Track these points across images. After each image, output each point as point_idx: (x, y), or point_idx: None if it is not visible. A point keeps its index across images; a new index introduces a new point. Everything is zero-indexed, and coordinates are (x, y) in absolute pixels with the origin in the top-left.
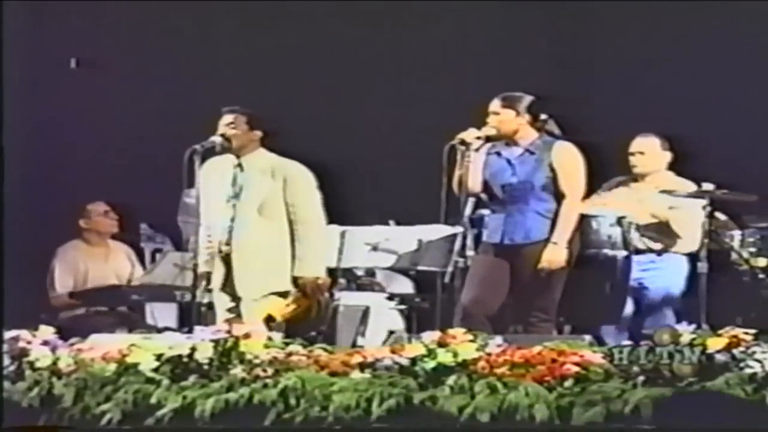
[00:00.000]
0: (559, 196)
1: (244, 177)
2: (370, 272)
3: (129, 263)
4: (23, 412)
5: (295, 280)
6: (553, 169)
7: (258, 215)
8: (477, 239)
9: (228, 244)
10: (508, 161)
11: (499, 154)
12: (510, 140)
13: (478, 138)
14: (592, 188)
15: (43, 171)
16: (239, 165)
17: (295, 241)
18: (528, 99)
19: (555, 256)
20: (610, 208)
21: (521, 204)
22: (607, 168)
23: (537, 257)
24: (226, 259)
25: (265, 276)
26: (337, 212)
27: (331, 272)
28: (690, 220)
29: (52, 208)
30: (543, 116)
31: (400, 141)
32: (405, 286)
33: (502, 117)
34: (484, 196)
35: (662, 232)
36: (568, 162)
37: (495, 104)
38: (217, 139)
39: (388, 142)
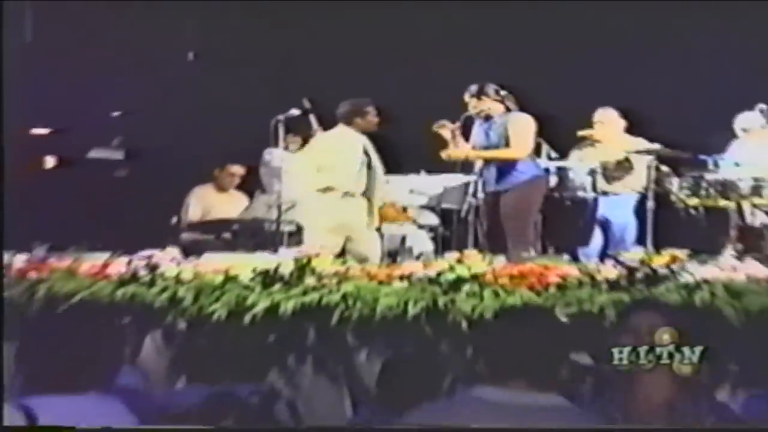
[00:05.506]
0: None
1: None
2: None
3: (243, 207)
4: (153, 310)
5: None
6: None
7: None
8: (485, 185)
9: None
10: (485, 130)
11: (480, 124)
12: (488, 115)
13: (453, 131)
14: (562, 151)
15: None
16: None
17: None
18: (493, 87)
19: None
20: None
21: (497, 161)
22: (572, 135)
23: (513, 198)
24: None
25: None
26: (386, 163)
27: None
28: (639, 166)
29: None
30: (503, 93)
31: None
32: (432, 219)
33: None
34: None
35: (622, 171)
36: (520, 126)
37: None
38: (294, 111)
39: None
